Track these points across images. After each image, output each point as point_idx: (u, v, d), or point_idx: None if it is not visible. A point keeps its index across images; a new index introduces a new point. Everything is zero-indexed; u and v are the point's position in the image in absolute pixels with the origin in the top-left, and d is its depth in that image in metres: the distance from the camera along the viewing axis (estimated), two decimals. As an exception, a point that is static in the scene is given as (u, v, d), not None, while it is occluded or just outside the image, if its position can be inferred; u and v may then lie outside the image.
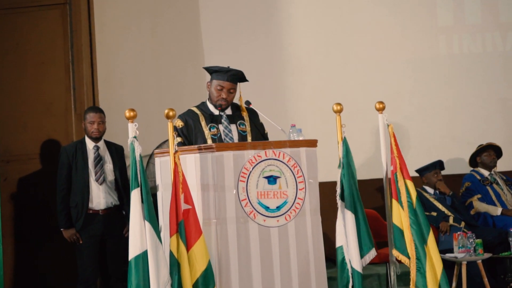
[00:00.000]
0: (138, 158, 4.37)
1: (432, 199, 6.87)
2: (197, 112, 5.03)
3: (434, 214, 6.74)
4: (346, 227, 4.81)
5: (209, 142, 4.88)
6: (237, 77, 5.01)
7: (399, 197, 4.96)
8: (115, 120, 6.44)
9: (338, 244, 4.83)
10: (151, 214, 4.35)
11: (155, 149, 6.79)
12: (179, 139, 4.89)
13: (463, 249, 6.09)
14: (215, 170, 4.54)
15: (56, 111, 7.01)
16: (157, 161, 4.75)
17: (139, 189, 4.36)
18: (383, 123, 5.08)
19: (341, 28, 7.78)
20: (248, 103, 5.11)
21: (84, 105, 6.93)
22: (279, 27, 7.81)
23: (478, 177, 7.14)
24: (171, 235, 4.35)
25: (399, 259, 4.98)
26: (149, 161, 7.02)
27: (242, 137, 4.99)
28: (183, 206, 4.37)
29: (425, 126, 7.72)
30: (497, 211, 6.97)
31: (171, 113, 4.44)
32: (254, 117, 5.11)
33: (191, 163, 4.57)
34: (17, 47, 7.06)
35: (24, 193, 6.92)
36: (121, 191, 5.90)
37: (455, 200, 6.92)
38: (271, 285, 4.58)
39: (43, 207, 6.73)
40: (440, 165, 7.03)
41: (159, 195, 4.71)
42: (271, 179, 4.65)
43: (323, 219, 4.82)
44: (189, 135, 4.96)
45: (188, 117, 5.00)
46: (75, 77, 7.02)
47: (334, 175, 4.91)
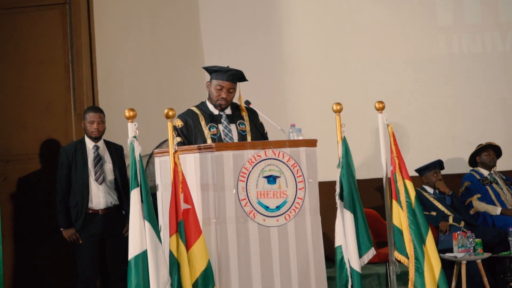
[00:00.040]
0: (137, 157, 4.37)
1: (431, 199, 6.87)
2: (197, 112, 5.03)
3: (433, 213, 6.74)
4: (345, 226, 4.81)
5: (209, 142, 4.87)
6: (237, 77, 5.01)
7: (398, 197, 4.96)
8: (114, 119, 6.44)
9: (337, 243, 4.83)
10: (151, 213, 4.35)
11: (155, 148, 6.79)
12: (179, 139, 4.88)
13: (463, 248, 6.09)
14: (215, 169, 4.54)
15: (55, 111, 7.01)
16: (157, 160, 4.75)
17: (138, 188, 4.36)
18: (383, 123, 5.08)
19: (341, 27, 7.78)
20: (247, 103, 5.11)
21: (83, 104, 6.93)
22: (278, 27, 7.80)
23: (477, 177, 7.14)
24: (170, 235, 4.35)
25: (398, 259, 4.98)
26: (148, 160, 7.02)
27: (241, 136, 4.99)
28: (183, 205, 4.37)
29: (425, 125, 7.72)
30: (497, 210, 6.96)
31: (170, 113, 4.44)
32: (253, 116, 5.11)
33: (191, 162, 4.57)
34: (16, 47, 7.06)
35: (23, 193, 6.91)
36: (120, 191, 5.89)
37: (454, 199, 6.92)
38: (271, 285, 4.58)
39: (42, 207, 6.73)
40: (439, 165, 7.03)
41: (159, 194, 4.71)
42: (271, 179, 4.65)
43: (322, 218, 4.82)
44: (189, 135, 4.96)
45: (187, 117, 5.00)
46: (74, 77, 7.02)
47: (333, 174, 4.90)
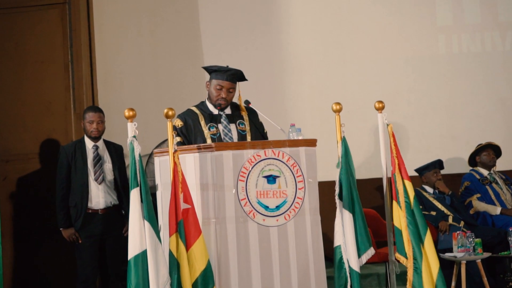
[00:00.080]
0: (137, 157, 4.37)
1: (431, 199, 6.87)
2: (197, 111, 5.03)
3: (433, 213, 6.74)
4: (344, 226, 4.81)
5: (209, 141, 4.87)
6: (236, 77, 5.01)
7: (397, 198, 4.96)
8: (114, 119, 6.45)
9: (336, 243, 4.83)
10: (151, 213, 4.34)
11: (155, 148, 6.79)
12: (179, 139, 4.88)
13: (463, 248, 6.09)
14: (215, 169, 4.54)
15: (55, 110, 7.01)
16: (157, 160, 4.75)
17: (138, 188, 4.36)
18: (383, 123, 5.08)
19: (340, 27, 7.78)
20: (247, 103, 5.10)
21: (83, 104, 6.93)
22: (278, 27, 7.80)
23: (477, 177, 7.14)
24: (170, 235, 4.34)
25: (397, 259, 4.98)
26: (148, 160, 7.02)
27: (241, 136, 4.99)
28: (183, 205, 4.37)
29: (425, 125, 7.72)
30: (496, 210, 6.96)
31: (170, 113, 4.44)
32: (253, 116, 5.11)
33: (191, 162, 4.57)
34: (16, 46, 7.06)
35: (23, 193, 6.91)
36: (120, 191, 5.89)
37: (454, 199, 6.92)
38: (271, 285, 4.58)
39: (42, 207, 6.73)
40: (439, 165, 7.03)
41: (159, 194, 4.71)
42: (271, 179, 4.65)
43: (322, 218, 4.81)
44: (189, 135, 4.95)
45: (187, 116, 5.00)
46: (74, 77, 7.02)
47: (333, 174, 4.90)
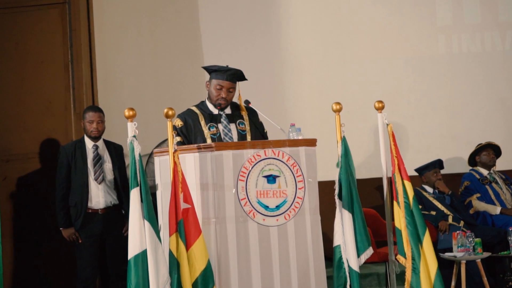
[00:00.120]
0: (137, 157, 4.36)
1: (431, 198, 6.87)
2: (197, 111, 5.02)
3: (433, 213, 6.74)
4: (343, 226, 4.81)
5: (209, 141, 4.86)
6: (236, 76, 5.01)
7: (397, 198, 4.96)
8: (114, 119, 6.45)
9: (335, 243, 4.82)
10: (151, 213, 4.34)
11: (155, 148, 6.79)
12: (179, 139, 4.88)
13: (462, 248, 6.09)
14: (215, 169, 4.53)
15: (55, 110, 7.01)
16: (157, 160, 4.75)
17: (138, 188, 4.36)
18: (383, 122, 5.07)
19: (340, 27, 7.78)
20: (247, 102, 5.10)
21: (83, 104, 6.93)
22: (278, 27, 7.80)
23: (477, 176, 7.14)
24: (170, 234, 4.34)
25: (397, 259, 4.98)
26: (148, 160, 7.02)
27: (241, 136, 4.98)
28: (183, 205, 4.37)
29: (425, 125, 7.72)
30: (496, 210, 6.97)
31: (170, 112, 4.44)
32: (253, 116, 5.10)
33: (191, 162, 4.56)
34: (16, 46, 7.05)
35: (23, 193, 6.91)
36: (120, 191, 5.89)
37: (454, 199, 6.92)
38: (271, 284, 4.58)
39: (42, 207, 6.73)
40: (439, 164, 7.03)
41: (159, 194, 4.71)
42: (271, 178, 4.65)
43: (322, 218, 4.81)
44: (189, 135, 4.95)
45: (187, 116, 5.00)
46: (74, 76, 7.02)
47: (333, 174, 4.89)
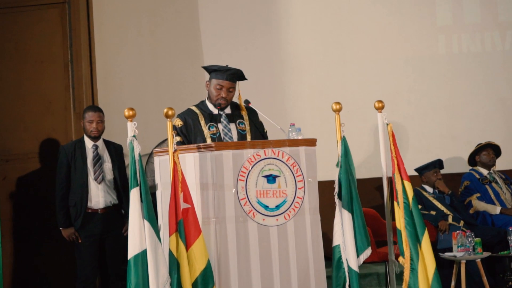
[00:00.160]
0: (137, 157, 4.36)
1: (431, 198, 6.87)
2: (197, 111, 5.02)
3: (433, 213, 6.74)
4: (343, 226, 4.81)
5: (208, 141, 4.86)
6: (236, 76, 5.00)
7: (397, 198, 4.96)
8: (114, 119, 6.44)
9: (335, 243, 4.83)
10: (150, 213, 4.34)
11: (154, 148, 6.78)
12: (178, 138, 4.88)
13: (462, 248, 6.09)
14: (214, 169, 4.53)
15: (55, 110, 7.01)
16: (156, 160, 4.75)
17: (138, 188, 4.35)
18: (382, 122, 5.07)
19: (340, 27, 7.78)
20: (247, 102, 5.10)
21: (83, 104, 6.93)
22: (278, 27, 7.80)
23: (477, 176, 7.14)
24: (170, 234, 4.34)
25: (397, 259, 4.98)
26: (148, 160, 7.01)
27: (241, 136, 4.98)
28: (182, 205, 4.37)
29: (424, 125, 7.72)
30: (496, 210, 6.96)
31: (170, 112, 4.44)
32: (253, 116, 5.10)
33: (190, 162, 4.56)
34: (16, 46, 7.05)
35: (23, 192, 6.91)
36: (120, 190, 5.89)
37: (454, 199, 6.92)
38: (270, 284, 4.58)
39: (42, 206, 6.73)
40: (439, 164, 7.03)
41: (158, 194, 4.70)
42: (270, 178, 4.65)
43: (322, 218, 4.81)
44: (189, 134, 4.95)
45: (187, 116, 4.99)
46: (74, 76, 7.02)
47: (333, 174, 4.89)
